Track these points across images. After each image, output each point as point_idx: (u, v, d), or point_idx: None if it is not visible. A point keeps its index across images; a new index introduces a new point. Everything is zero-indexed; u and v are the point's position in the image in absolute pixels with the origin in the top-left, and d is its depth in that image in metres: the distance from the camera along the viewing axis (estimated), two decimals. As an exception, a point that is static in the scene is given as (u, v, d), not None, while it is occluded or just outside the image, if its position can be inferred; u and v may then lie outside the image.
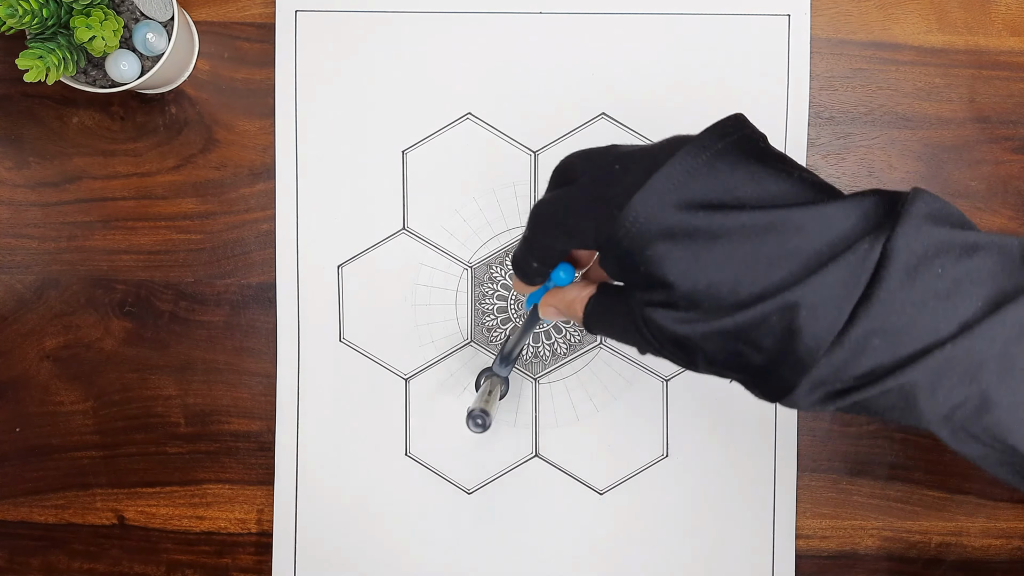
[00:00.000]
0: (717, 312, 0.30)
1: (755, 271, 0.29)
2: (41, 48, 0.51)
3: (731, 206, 0.30)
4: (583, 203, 0.33)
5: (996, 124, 0.59)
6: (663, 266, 0.30)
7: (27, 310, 0.62)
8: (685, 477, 0.61)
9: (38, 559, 0.63)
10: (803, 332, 0.29)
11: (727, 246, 0.29)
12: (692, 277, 0.30)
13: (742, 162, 0.31)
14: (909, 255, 0.28)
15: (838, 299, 0.28)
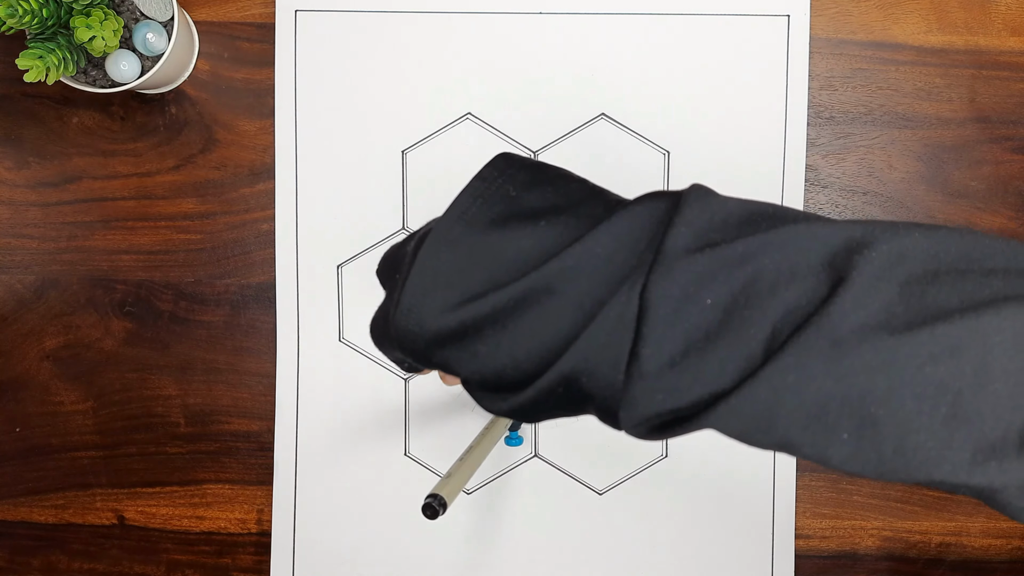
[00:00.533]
0: (516, 389, 0.30)
1: (527, 345, 0.29)
2: (41, 48, 0.51)
3: (481, 293, 0.29)
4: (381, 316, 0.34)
5: (996, 124, 0.59)
6: (452, 367, 0.31)
7: (27, 310, 0.62)
8: (685, 477, 0.61)
9: (38, 559, 0.63)
10: (593, 394, 0.28)
11: (492, 333, 0.29)
12: (480, 370, 0.30)
13: (483, 236, 0.30)
14: (668, 300, 0.26)
15: (608, 361, 0.27)
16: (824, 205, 0.60)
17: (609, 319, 0.27)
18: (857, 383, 0.25)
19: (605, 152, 0.60)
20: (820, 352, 0.25)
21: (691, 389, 0.27)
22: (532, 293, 0.28)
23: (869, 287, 0.25)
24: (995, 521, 0.61)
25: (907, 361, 0.24)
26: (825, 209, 0.60)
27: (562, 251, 0.28)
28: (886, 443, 0.25)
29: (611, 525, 0.61)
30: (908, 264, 0.26)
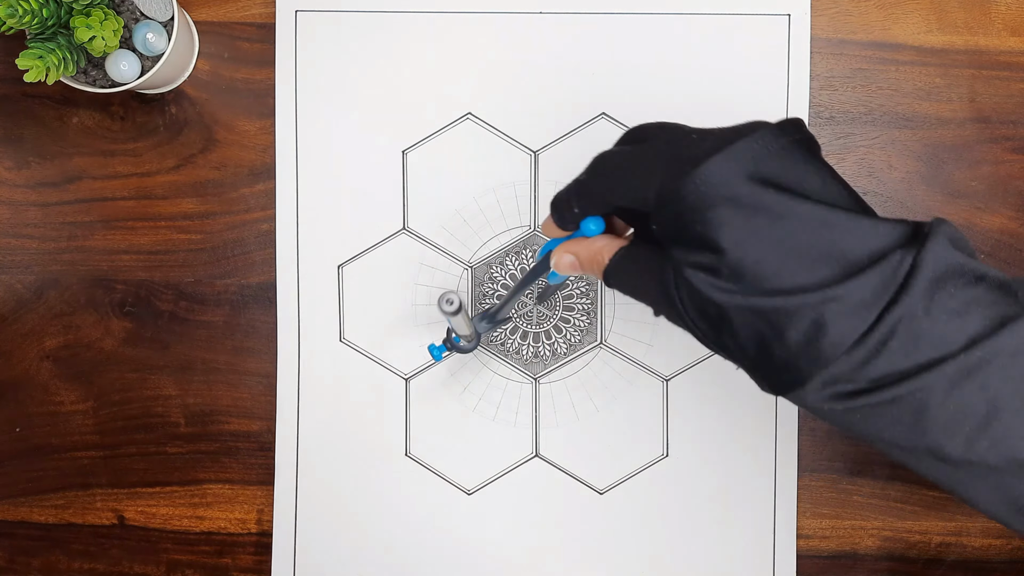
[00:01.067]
0: (756, 290, 0.31)
1: (804, 261, 0.30)
2: (41, 48, 0.51)
3: (798, 193, 0.31)
4: (656, 158, 0.34)
5: (996, 124, 0.59)
6: (720, 231, 0.31)
7: (27, 310, 0.62)
8: (685, 477, 0.61)
9: (38, 559, 0.63)
10: (829, 328, 0.30)
11: (786, 229, 0.30)
12: (744, 249, 0.31)
13: (812, 159, 0.33)
14: (934, 270, 0.30)
15: (868, 302, 0.30)
16: (824, 205, 0.60)
17: (883, 270, 0.30)
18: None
19: (605, 152, 0.60)
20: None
21: (926, 350, 0.30)
22: (839, 224, 0.31)
23: None
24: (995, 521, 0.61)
25: None
26: (825, 209, 0.60)
27: (868, 214, 0.31)
28: None
29: (611, 525, 0.61)
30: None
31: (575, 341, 0.61)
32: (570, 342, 0.61)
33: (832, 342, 0.30)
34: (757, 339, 0.32)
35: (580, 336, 0.61)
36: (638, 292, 0.36)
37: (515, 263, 0.61)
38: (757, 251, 0.31)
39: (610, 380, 0.61)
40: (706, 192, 0.31)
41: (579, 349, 0.61)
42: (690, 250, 0.32)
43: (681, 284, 0.33)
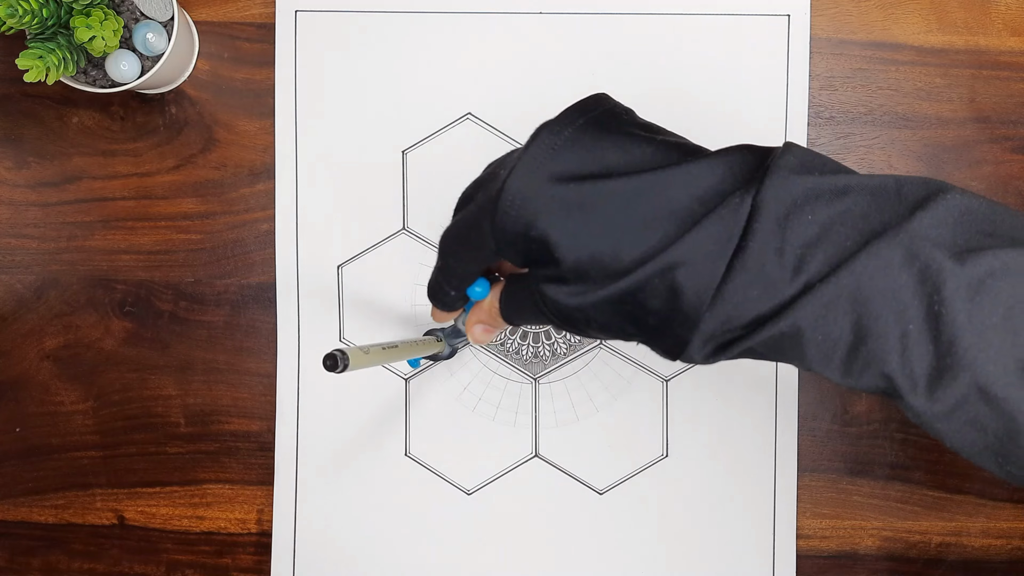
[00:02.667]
0: (603, 281, 0.31)
1: (632, 236, 0.30)
2: (41, 48, 0.51)
3: (600, 175, 0.31)
4: (477, 211, 0.34)
5: (996, 124, 0.59)
6: (548, 241, 0.31)
7: (27, 310, 0.62)
8: (685, 477, 0.61)
9: (38, 559, 0.63)
10: (684, 289, 0.30)
11: (602, 214, 0.30)
12: (575, 249, 0.31)
13: (606, 134, 0.32)
14: (778, 205, 0.29)
15: (713, 255, 0.29)
16: (824, 205, 0.60)
17: (721, 216, 0.29)
18: (928, 280, 0.27)
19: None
20: (900, 247, 0.28)
21: (784, 289, 0.29)
22: (651, 187, 0.30)
23: (944, 217, 0.29)
24: (995, 521, 0.61)
25: (972, 269, 0.27)
26: (825, 209, 0.60)
27: (681, 163, 0.31)
28: (942, 337, 0.27)
29: (611, 525, 0.61)
30: (973, 216, 0.29)
31: (575, 341, 0.61)
32: (570, 342, 0.61)
33: (691, 303, 0.30)
34: (627, 320, 0.32)
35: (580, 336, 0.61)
36: (529, 319, 0.37)
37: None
38: (587, 245, 0.31)
39: (610, 380, 0.61)
40: (517, 214, 0.31)
41: (579, 349, 0.61)
42: (538, 266, 0.33)
43: (543, 299, 0.34)
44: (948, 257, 0.27)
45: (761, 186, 0.29)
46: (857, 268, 0.28)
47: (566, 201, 0.31)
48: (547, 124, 0.32)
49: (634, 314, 0.31)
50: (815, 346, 0.29)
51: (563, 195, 0.31)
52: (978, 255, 0.27)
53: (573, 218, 0.31)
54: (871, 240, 0.28)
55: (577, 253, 0.31)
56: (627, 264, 0.30)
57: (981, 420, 0.28)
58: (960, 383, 0.27)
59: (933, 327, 0.28)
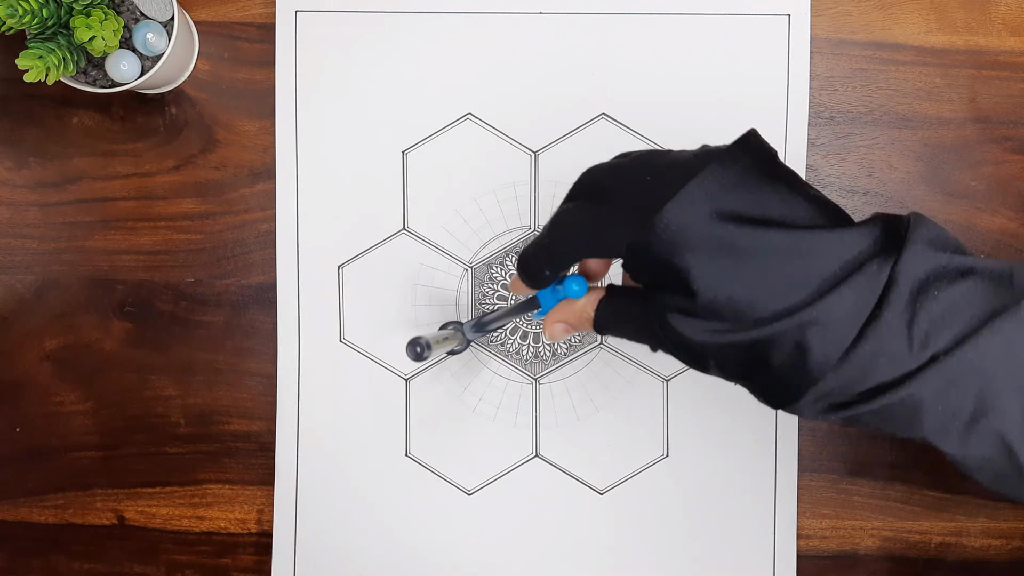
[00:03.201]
0: (734, 325, 0.31)
1: (776, 290, 0.30)
2: (41, 48, 0.51)
3: (760, 222, 0.31)
4: (617, 216, 0.34)
5: (996, 124, 0.59)
6: (690, 275, 0.31)
7: (27, 310, 0.62)
8: (685, 477, 0.61)
9: (38, 560, 0.63)
10: (813, 349, 0.30)
11: (754, 263, 0.31)
12: (715, 289, 0.31)
13: (768, 179, 0.32)
14: (913, 280, 0.30)
15: (847, 319, 0.30)
16: (824, 205, 0.60)
17: (859, 283, 0.30)
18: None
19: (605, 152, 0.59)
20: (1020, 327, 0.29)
21: (910, 360, 0.30)
22: (803, 246, 0.30)
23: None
24: (995, 521, 0.61)
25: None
26: (825, 209, 0.60)
27: (835, 227, 0.31)
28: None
29: (611, 525, 0.61)
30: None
31: (575, 341, 0.61)
32: (570, 342, 0.61)
33: (817, 362, 0.30)
34: (746, 367, 0.32)
35: (580, 336, 0.61)
36: (630, 336, 0.37)
37: (515, 263, 0.61)
38: (728, 288, 0.31)
39: (610, 380, 0.61)
40: (670, 240, 0.31)
41: (579, 349, 0.61)
42: (667, 294, 0.33)
43: (665, 326, 0.34)
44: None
45: (899, 258, 0.30)
46: (980, 344, 0.29)
47: (722, 241, 0.31)
48: (717, 156, 0.32)
49: (756, 363, 0.32)
50: (933, 417, 0.30)
51: (720, 234, 0.31)
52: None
53: (723, 258, 0.31)
54: (993, 318, 0.30)
55: (715, 293, 0.31)
56: (764, 316, 0.31)
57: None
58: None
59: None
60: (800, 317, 0.30)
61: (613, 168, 0.36)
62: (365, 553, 0.62)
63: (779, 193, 0.32)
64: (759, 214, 0.31)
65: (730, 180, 0.32)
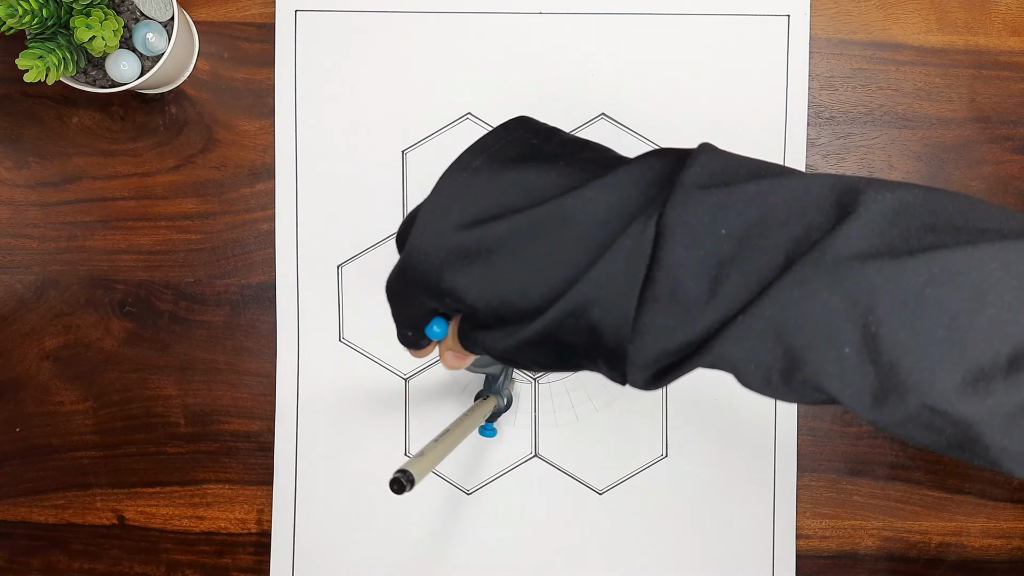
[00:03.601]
0: (519, 323, 0.30)
1: (537, 274, 0.29)
2: (41, 48, 0.51)
3: (497, 215, 0.29)
4: (397, 266, 0.34)
5: (996, 124, 0.59)
6: (458, 291, 0.30)
7: (27, 310, 0.62)
8: (685, 477, 0.61)
9: (38, 559, 0.63)
10: (602, 327, 0.28)
11: (504, 256, 0.29)
12: (484, 296, 0.30)
13: (505, 169, 0.31)
14: (684, 226, 0.27)
15: (622, 289, 0.28)
16: (824, 205, 0.60)
17: (625, 246, 0.27)
18: (860, 301, 0.25)
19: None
20: (825, 270, 0.25)
21: (704, 315, 0.27)
22: (549, 219, 0.29)
23: (873, 221, 0.26)
24: (995, 521, 0.61)
25: (908, 281, 0.25)
26: (825, 209, 0.60)
27: (578, 186, 0.29)
28: (882, 360, 0.25)
29: (611, 525, 0.61)
30: (909, 212, 0.27)
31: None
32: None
33: (611, 339, 0.28)
34: (560, 358, 0.31)
35: (580, 336, 0.61)
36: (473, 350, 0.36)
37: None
38: (496, 291, 0.30)
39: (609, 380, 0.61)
40: (425, 268, 0.31)
41: (579, 349, 0.61)
42: (463, 314, 0.33)
43: (472, 345, 0.33)
44: (880, 270, 0.25)
45: (664, 209, 0.27)
46: (781, 296, 0.26)
47: (465, 249, 0.30)
48: (447, 169, 0.31)
49: (561, 351, 0.30)
50: (749, 373, 0.28)
51: (462, 244, 0.30)
52: (915, 260, 0.25)
53: (476, 265, 0.30)
54: (794, 262, 0.26)
55: (487, 299, 0.30)
56: (537, 304, 0.29)
57: (936, 427, 0.26)
58: (908, 403, 0.25)
59: (872, 349, 0.25)
60: (573, 297, 0.28)
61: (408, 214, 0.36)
62: (364, 553, 0.62)
63: (520, 177, 0.30)
64: (497, 208, 0.30)
65: (460, 188, 0.30)
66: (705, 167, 0.28)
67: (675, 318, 0.27)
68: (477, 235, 0.29)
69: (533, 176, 0.30)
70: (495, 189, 0.30)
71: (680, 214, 0.27)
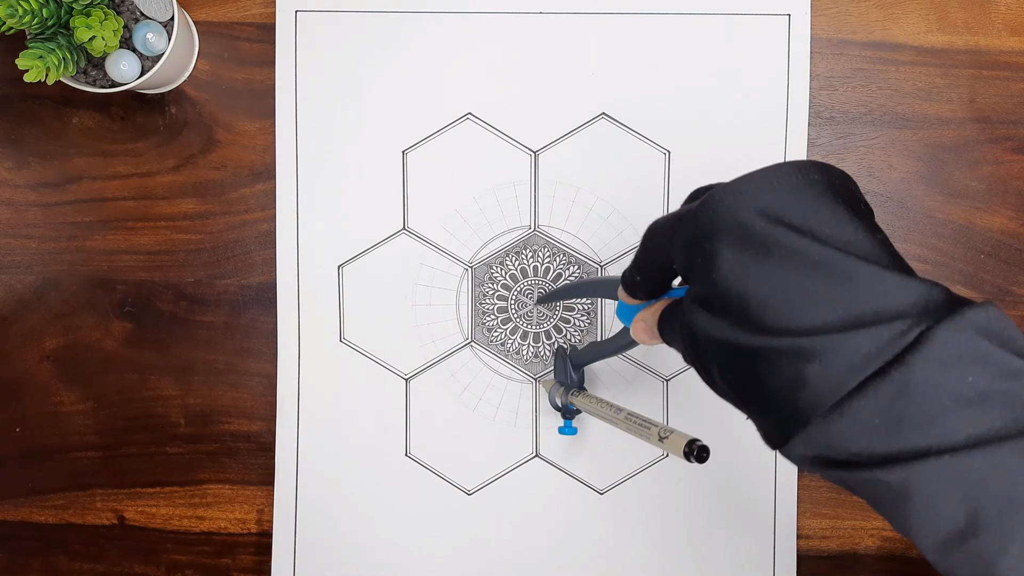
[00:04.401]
0: (740, 326, 0.29)
1: (791, 302, 0.28)
2: (41, 48, 0.51)
3: (801, 231, 0.29)
4: (676, 213, 0.33)
5: (996, 124, 0.59)
6: (713, 261, 0.30)
7: (27, 310, 0.62)
8: (685, 477, 0.61)
9: (38, 559, 0.63)
10: (808, 384, 0.28)
11: (775, 264, 0.29)
12: (732, 280, 0.29)
13: (829, 199, 0.30)
14: (943, 351, 0.26)
15: (854, 365, 0.27)
16: (824, 205, 0.60)
17: (882, 333, 0.27)
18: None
19: (605, 152, 0.60)
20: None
21: (910, 436, 0.26)
22: (835, 268, 0.28)
23: None
24: (995, 521, 0.61)
25: None
26: (825, 209, 0.60)
27: (883, 267, 0.28)
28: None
29: (611, 525, 0.61)
30: None
31: (575, 341, 0.61)
32: (570, 342, 0.61)
33: (807, 401, 0.27)
34: (741, 382, 0.30)
35: (580, 336, 0.61)
36: (672, 342, 0.36)
37: (515, 263, 0.61)
38: (743, 285, 0.29)
39: (610, 380, 0.61)
40: (706, 222, 0.30)
41: (579, 349, 0.61)
42: (693, 283, 0.32)
43: (684, 317, 0.32)
44: None
45: (936, 324, 0.26)
46: (996, 456, 0.25)
47: (755, 234, 0.29)
48: (787, 162, 0.31)
49: (753, 381, 0.30)
50: (919, 515, 0.27)
51: (752, 226, 0.29)
52: None
53: (749, 252, 0.29)
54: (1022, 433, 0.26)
55: (729, 286, 0.29)
56: (770, 324, 0.29)
57: None
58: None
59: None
60: (806, 342, 0.27)
61: None
62: (365, 553, 0.62)
63: (835, 215, 0.30)
64: (803, 225, 0.29)
65: (785, 184, 0.30)
66: (989, 318, 0.27)
67: (881, 420, 0.27)
68: (770, 230, 0.29)
69: (849, 224, 0.29)
70: (813, 207, 0.30)
71: (945, 336, 0.26)
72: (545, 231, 0.60)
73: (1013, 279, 0.60)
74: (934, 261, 0.59)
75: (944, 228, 0.59)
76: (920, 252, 0.60)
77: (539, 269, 0.60)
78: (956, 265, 0.60)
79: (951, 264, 0.60)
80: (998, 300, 0.60)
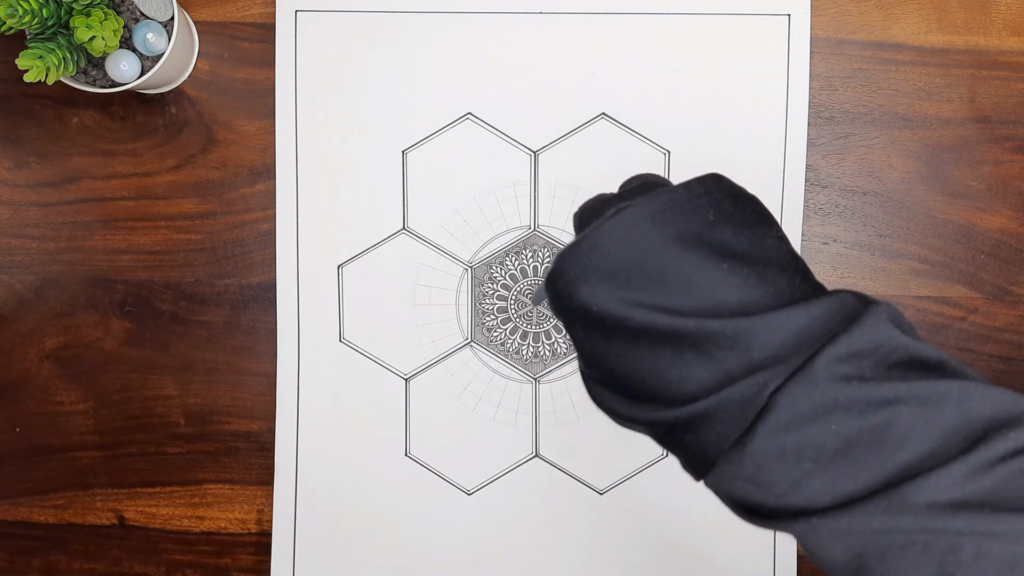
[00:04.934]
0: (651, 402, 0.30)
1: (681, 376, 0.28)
2: (41, 48, 0.51)
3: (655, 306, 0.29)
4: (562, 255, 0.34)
5: (996, 124, 0.59)
6: (577, 345, 0.31)
7: (27, 310, 0.62)
8: (685, 477, 0.61)
9: (38, 559, 0.63)
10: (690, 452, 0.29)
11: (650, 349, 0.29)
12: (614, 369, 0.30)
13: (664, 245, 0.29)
14: (793, 412, 0.27)
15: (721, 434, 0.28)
16: (824, 205, 0.60)
17: (735, 400, 0.27)
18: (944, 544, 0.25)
19: (605, 152, 0.60)
20: (916, 510, 0.25)
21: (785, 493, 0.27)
22: (700, 336, 0.28)
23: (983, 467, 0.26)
24: (995, 521, 0.61)
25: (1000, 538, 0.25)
26: (825, 209, 0.60)
27: (735, 317, 0.28)
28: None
29: (611, 525, 0.61)
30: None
31: (575, 341, 0.61)
32: (570, 342, 0.61)
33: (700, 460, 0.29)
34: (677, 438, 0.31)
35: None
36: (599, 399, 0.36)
37: (515, 263, 0.61)
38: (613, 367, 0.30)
39: (610, 380, 0.61)
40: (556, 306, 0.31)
41: (579, 349, 0.61)
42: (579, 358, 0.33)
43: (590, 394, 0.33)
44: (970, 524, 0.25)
45: (782, 386, 0.27)
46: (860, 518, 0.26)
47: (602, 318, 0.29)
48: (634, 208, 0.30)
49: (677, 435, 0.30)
50: (817, 559, 0.28)
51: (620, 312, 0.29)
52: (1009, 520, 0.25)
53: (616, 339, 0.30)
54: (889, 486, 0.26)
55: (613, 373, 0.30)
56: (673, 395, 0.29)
57: None
58: None
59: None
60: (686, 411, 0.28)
61: None
62: (365, 553, 0.62)
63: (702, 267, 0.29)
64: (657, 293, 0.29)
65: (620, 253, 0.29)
66: (851, 347, 0.27)
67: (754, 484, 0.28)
68: (631, 314, 0.29)
69: (694, 269, 0.29)
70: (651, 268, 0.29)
71: (796, 394, 0.27)
72: (545, 231, 0.60)
73: (1013, 279, 0.60)
74: (934, 261, 0.59)
75: (944, 228, 0.59)
76: (920, 252, 0.60)
77: (539, 269, 0.61)
78: (956, 265, 0.60)
79: (951, 264, 0.60)
80: (998, 300, 0.60)
